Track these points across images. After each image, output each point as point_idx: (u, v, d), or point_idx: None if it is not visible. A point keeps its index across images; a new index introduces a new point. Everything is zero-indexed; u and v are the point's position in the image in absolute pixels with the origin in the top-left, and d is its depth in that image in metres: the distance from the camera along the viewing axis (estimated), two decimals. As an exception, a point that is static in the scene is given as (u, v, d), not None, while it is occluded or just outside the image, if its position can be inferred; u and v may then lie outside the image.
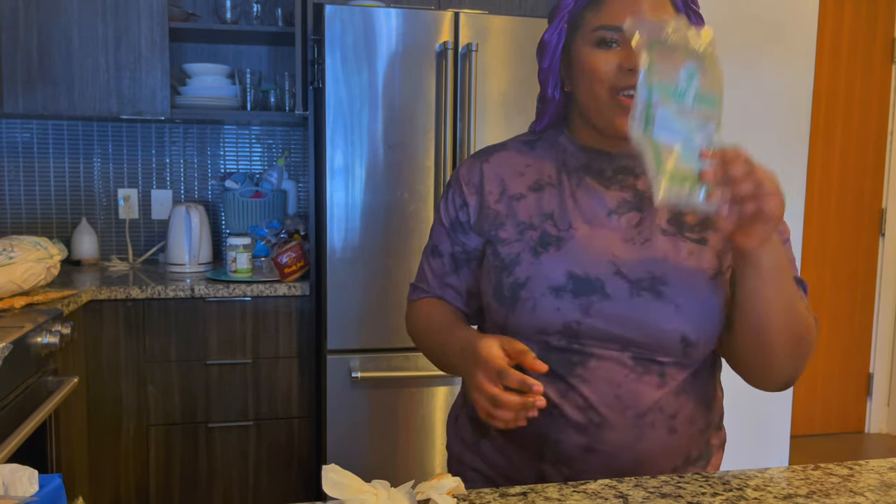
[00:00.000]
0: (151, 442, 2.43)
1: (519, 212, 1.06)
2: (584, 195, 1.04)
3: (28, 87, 2.50)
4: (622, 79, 0.97)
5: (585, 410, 0.99)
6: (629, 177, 1.05)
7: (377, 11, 2.30)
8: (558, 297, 0.98)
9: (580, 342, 0.99)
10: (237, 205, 2.83)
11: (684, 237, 1.01)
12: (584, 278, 0.99)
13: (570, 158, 1.07)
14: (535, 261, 1.01)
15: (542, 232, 1.03)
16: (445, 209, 1.14)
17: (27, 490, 0.75)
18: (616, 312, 0.97)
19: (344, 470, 0.78)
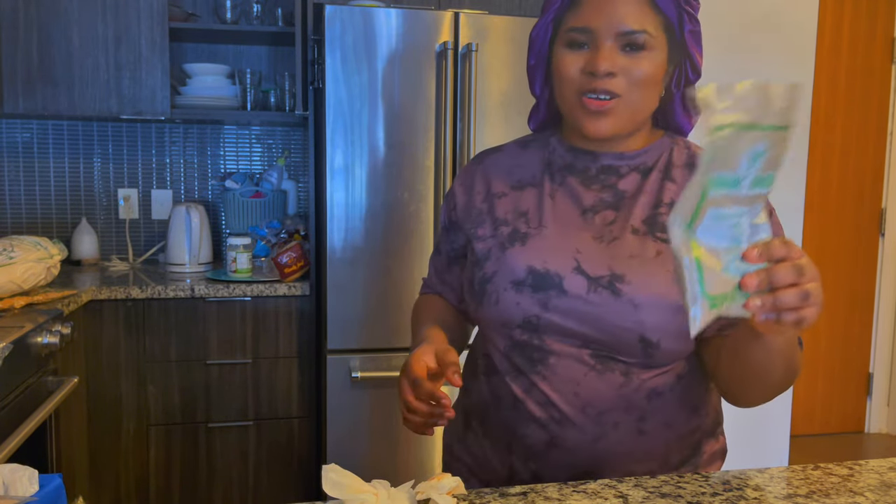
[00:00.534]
0: (151, 442, 2.43)
1: (497, 209, 1.07)
2: (562, 195, 1.05)
3: (28, 87, 2.50)
4: (586, 82, 0.97)
5: (546, 406, 1.00)
6: (612, 176, 1.05)
7: (377, 11, 2.30)
8: (518, 292, 1.00)
9: (540, 337, 0.99)
10: (237, 205, 2.83)
11: (654, 237, 0.99)
12: (543, 273, 0.99)
13: (557, 158, 1.08)
14: (501, 255, 1.03)
15: (513, 228, 1.04)
16: (445, 210, 1.17)
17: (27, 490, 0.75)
18: (573, 308, 0.97)
19: (344, 470, 0.78)
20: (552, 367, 0.99)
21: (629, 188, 1.03)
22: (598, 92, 0.96)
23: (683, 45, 1.02)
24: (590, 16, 0.96)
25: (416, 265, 2.38)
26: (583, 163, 1.06)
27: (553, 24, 1.03)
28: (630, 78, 0.96)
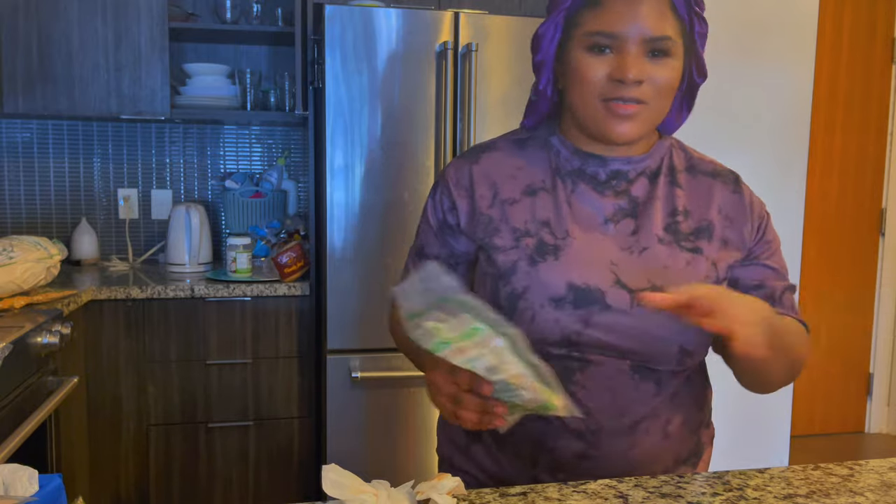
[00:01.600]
0: (151, 442, 2.43)
1: (513, 217, 1.02)
2: (579, 201, 1.02)
3: (28, 87, 2.50)
4: (611, 88, 0.95)
5: (583, 417, 0.98)
6: (622, 181, 1.03)
7: (377, 11, 2.30)
8: (558, 308, 0.96)
9: (580, 350, 0.97)
10: (237, 205, 2.83)
11: (680, 246, 1.00)
12: (585, 289, 0.96)
13: (564, 162, 1.05)
14: (532, 270, 0.98)
15: (538, 240, 1.00)
16: (433, 210, 1.09)
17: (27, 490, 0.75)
18: (616, 323, 0.96)
19: (344, 470, 0.78)
20: (591, 377, 0.97)
21: (641, 194, 1.03)
22: (626, 100, 0.95)
23: (693, 47, 1.01)
24: (614, 20, 0.94)
25: (416, 265, 2.38)
26: (592, 167, 1.03)
27: (564, 22, 1.00)
28: (655, 85, 0.96)
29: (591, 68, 0.96)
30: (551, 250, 0.99)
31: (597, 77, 0.96)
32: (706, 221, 1.03)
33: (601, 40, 0.95)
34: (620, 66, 0.94)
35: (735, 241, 1.04)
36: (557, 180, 1.04)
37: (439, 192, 1.09)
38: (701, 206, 1.04)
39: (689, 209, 1.03)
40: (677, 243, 1.00)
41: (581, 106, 0.98)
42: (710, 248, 1.02)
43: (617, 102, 0.95)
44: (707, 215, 1.04)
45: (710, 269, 1.00)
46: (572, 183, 1.03)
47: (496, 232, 1.02)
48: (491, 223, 1.03)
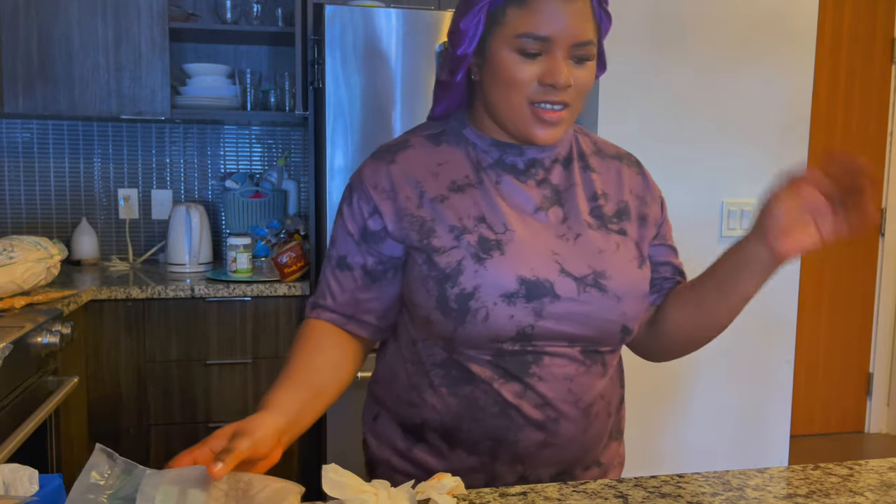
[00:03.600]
0: (151, 442, 2.43)
1: (446, 216, 0.99)
2: (508, 192, 1.01)
3: (28, 87, 2.50)
4: (540, 93, 0.95)
5: (542, 407, 0.99)
6: (540, 169, 1.04)
7: (377, 11, 2.30)
8: (511, 304, 0.95)
9: (533, 344, 0.98)
10: (237, 205, 2.83)
11: (608, 229, 1.03)
12: (535, 281, 0.96)
13: (482, 154, 1.03)
14: (480, 268, 0.96)
15: (479, 236, 0.98)
16: (352, 217, 1.03)
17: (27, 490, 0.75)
18: (567, 311, 0.97)
19: (344, 470, 0.78)
20: (547, 368, 0.99)
21: (560, 181, 1.04)
22: (555, 104, 0.96)
23: (601, 43, 1.03)
24: (545, 24, 0.93)
25: (416, 265, 2.38)
26: (510, 157, 1.03)
27: (487, 17, 0.97)
28: (578, 89, 0.97)
29: (520, 70, 0.95)
30: (495, 245, 0.98)
31: (526, 80, 0.95)
32: (623, 202, 1.07)
33: (531, 44, 0.93)
34: (552, 70, 0.93)
35: (648, 220, 1.08)
36: (482, 174, 1.02)
37: (356, 197, 1.03)
38: (615, 188, 1.08)
39: (606, 192, 1.06)
40: (605, 227, 1.04)
41: (506, 107, 0.98)
42: (631, 228, 1.06)
43: (544, 107, 0.96)
44: (622, 196, 1.07)
45: (636, 249, 1.05)
46: (496, 175, 1.02)
47: (432, 233, 0.99)
48: (424, 224, 1.00)
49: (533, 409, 0.99)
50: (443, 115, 1.08)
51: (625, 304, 1.00)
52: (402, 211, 1.01)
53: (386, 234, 1.02)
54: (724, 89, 2.51)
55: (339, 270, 1.05)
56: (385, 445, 1.11)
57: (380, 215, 1.01)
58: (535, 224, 1.00)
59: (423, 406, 1.04)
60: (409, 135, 1.08)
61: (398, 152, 1.04)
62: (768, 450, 2.74)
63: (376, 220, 1.02)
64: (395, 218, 1.01)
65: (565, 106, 0.97)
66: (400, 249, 1.02)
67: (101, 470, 0.74)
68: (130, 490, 0.73)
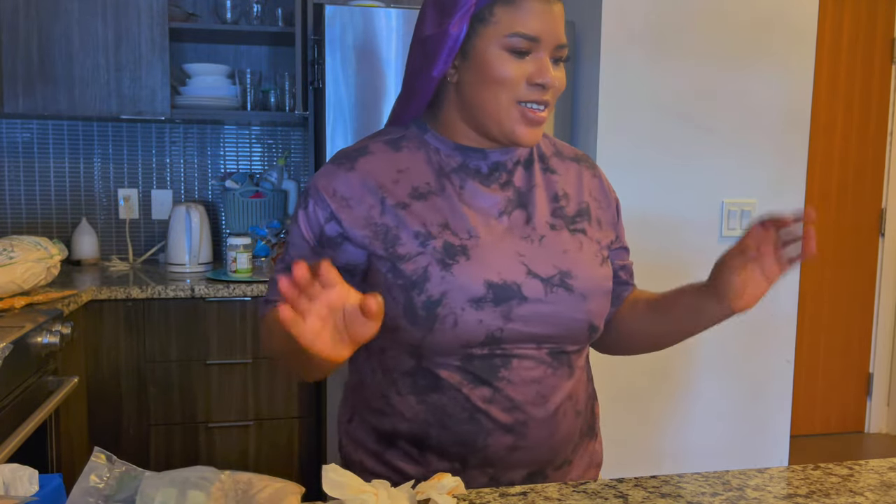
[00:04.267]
0: (152, 441, 2.43)
1: (409, 223, 0.98)
2: (471, 198, 1.01)
3: (28, 87, 2.50)
4: (528, 92, 0.96)
5: (511, 411, 0.99)
6: (503, 172, 1.04)
7: (377, 11, 2.30)
8: (479, 309, 0.95)
9: (501, 347, 0.98)
10: (237, 205, 2.83)
11: (570, 230, 1.05)
12: (502, 285, 0.97)
13: (445, 159, 1.03)
14: (446, 274, 0.95)
15: (443, 242, 0.97)
16: (307, 223, 1.01)
17: (27, 490, 0.75)
18: (534, 313, 0.98)
19: (344, 470, 0.78)
20: (515, 371, 0.98)
21: (522, 184, 1.05)
22: (541, 103, 0.97)
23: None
24: (535, 24, 0.94)
25: (416, 265, 2.38)
26: (474, 161, 1.03)
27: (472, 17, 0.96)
28: (556, 89, 0.98)
29: (510, 69, 0.95)
30: (460, 251, 0.97)
31: (515, 78, 0.95)
32: (584, 203, 1.09)
33: (521, 43, 0.94)
34: (541, 70, 0.95)
35: (606, 221, 1.11)
36: (444, 180, 1.01)
37: (312, 203, 1.01)
38: (576, 189, 1.09)
39: (567, 192, 1.08)
40: (567, 227, 1.05)
41: (492, 106, 0.97)
42: (591, 229, 1.07)
43: (531, 107, 0.97)
44: (582, 197, 1.09)
45: (598, 249, 1.07)
46: (459, 180, 1.02)
47: (396, 241, 0.98)
48: (388, 232, 0.98)
49: (501, 413, 0.99)
50: (405, 122, 1.07)
51: (591, 303, 1.02)
52: (363, 219, 0.99)
53: (344, 240, 1.00)
54: (724, 89, 2.51)
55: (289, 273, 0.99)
56: (359, 447, 1.10)
57: (337, 221, 0.99)
58: (500, 227, 1.01)
59: (393, 414, 1.03)
60: (368, 140, 1.06)
61: (357, 158, 1.03)
62: (768, 450, 2.74)
63: (332, 226, 1.00)
64: (356, 225, 0.99)
65: (547, 106, 0.99)
66: (361, 255, 1.00)
67: (100, 473, 0.75)
68: (130, 492, 0.74)
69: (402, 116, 1.07)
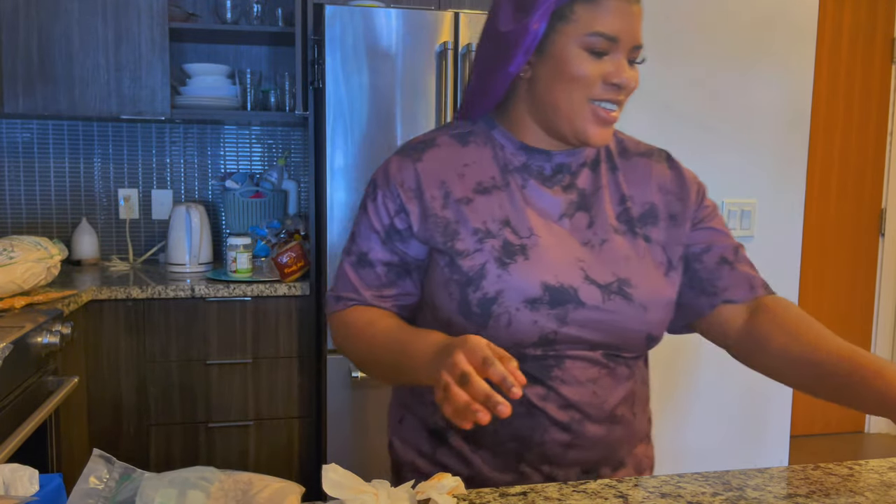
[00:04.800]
0: (151, 442, 2.43)
1: (471, 218, 0.99)
2: (533, 197, 1.01)
3: (28, 87, 2.50)
4: (603, 91, 0.95)
5: (567, 409, 0.99)
6: (567, 175, 1.03)
7: (377, 11, 2.30)
8: (534, 310, 0.95)
9: (555, 349, 0.98)
10: (237, 205, 2.83)
11: (634, 233, 1.03)
12: (559, 288, 0.96)
13: (510, 157, 1.03)
14: (503, 273, 0.96)
15: (503, 240, 0.97)
16: (376, 214, 1.02)
17: (27, 490, 0.75)
18: (590, 318, 0.97)
19: (344, 470, 0.78)
20: (568, 372, 0.98)
21: (587, 185, 1.03)
22: (614, 102, 0.97)
23: None
24: (615, 24, 0.93)
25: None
26: (537, 162, 1.03)
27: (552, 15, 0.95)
28: (629, 90, 0.98)
29: (587, 69, 0.94)
30: (519, 250, 0.97)
31: (592, 78, 0.95)
32: (649, 204, 1.05)
33: (601, 42, 0.94)
34: (618, 70, 0.95)
35: (680, 213, 1.06)
36: (508, 177, 1.01)
37: (381, 194, 1.02)
38: (642, 188, 1.06)
39: (632, 193, 1.05)
40: (631, 231, 1.03)
41: (566, 104, 0.96)
42: (657, 232, 1.04)
43: (604, 106, 0.96)
44: (649, 197, 1.05)
45: (662, 254, 1.03)
46: (521, 179, 1.02)
47: (455, 235, 0.98)
48: (448, 226, 0.99)
49: (558, 411, 0.99)
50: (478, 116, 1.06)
51: (650, 314, 0.99)
52: (427, 211, 1.00)
53: (410, 235, 1.01)
54: (724, 90, 2.51)
55: (360, 267, 1.04)
56: (410, 448, 1.10)
57: (406, 214, 1.01)
58: (560, 230, 1.00)
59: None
60: (436, 133, 1.06)
61: (425, 150, 1.03)
62: (768, 450, 2.74)
63: (402, 219, 1.01)
64: (421, 218, 1.00)
65: (619, 106, 0.98)
66: (424, 251, 1.02)
67: (99, 475, 0.75)
68: (129, 494, 0.74)
69: (472, 112, 1.06)
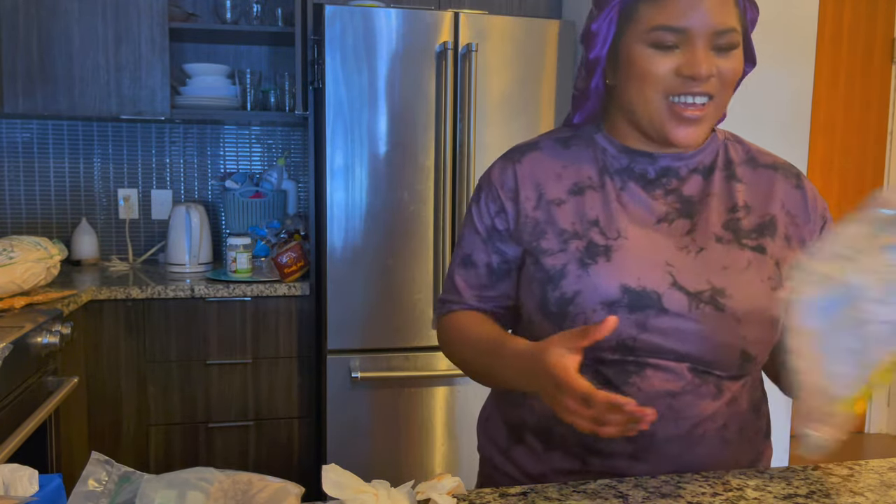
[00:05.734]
0: (151, 442, 2.43)
1: (560, 219, 0.98)
2: (630, 200, 0.98)
3: (28, 87, 2.50)
4: (679, 85, 0.91)
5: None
6: (673, 179, 0.99)
7: (377, 11, 2.30)
8: (611, 313, 0.91)
9: (635, 355, 0.93)
10: (237, 205, 2.83)
11: (741, 244, 0.96)
12: (640, 291, 0.92)
13: (611, 160, 1.00)
14: (583, 273, 0.93)
15: (588, 241, 0.95)
16: (479, 216, 1.04)
17: (27, 490, 0.75)
18: (674, 327, 0.92)
19: (344, 470, 0.78)
20: (648, 381, 0.93)
21: (694, 192, 0.98)
22: (695, 95, 0.92)
23: (746, 34, 0.97)
24: (678, 14, 0.90)
25: (416, 265, 2.38)
26: (640, 165, 0.99)
27: (619, 17, 0.95)
28: (722, 79, 0.93)
29: (655, 64, 0.92)
30: (602, 251, 0.95)
31: (662, 73, 0.91)
32: (769, 216, 0.98)
33: (666, 36, 0.91)
34: (691, 61, 0.90)
35: (796, 240, 0.99)
36: (606, 178, 0.99)
37: (484, 196, 1.04)
38: (763, 200, 0.99)
39: (750, 204, 0.98)
40: (738, 241, 0.96)
41: (641, 103, 0.94)
42: (773, 246, 0.96)
43: (684, 102, 0.92)
44: (769, 209, 0.98)
45: (774, 269, 0.95)
46: (621, 181, 0.99)
47: (542, 235, 0.98)
48: (537, 226, 0.99)
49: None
50: (582, 123, 1.06)
51: (746, 328, 0.92)
52: (521, 212, 1.01)
53: (508, 235, 1.02)
54: (724, 89, 2.51)
55: (463, 268, 1.06)
56: (492, 445, 1.10)
57: (505, 214, 1.02)
58: (654, 234, 0.96)
59: (524, 405, 1.03)
60: (541, 137, 1.07)
61: (526, 153, 1.04)
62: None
63: (502, 220, 1.02)
64: (515, 218, 1.01)
65: (708, 98, 0.92)
66: (517, 251, 1.02)
67: (98, 477, 0.75)
68: (129, 496, 0.74)
69: (572, 118, 1.06)
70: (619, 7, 0.95)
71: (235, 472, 0.77)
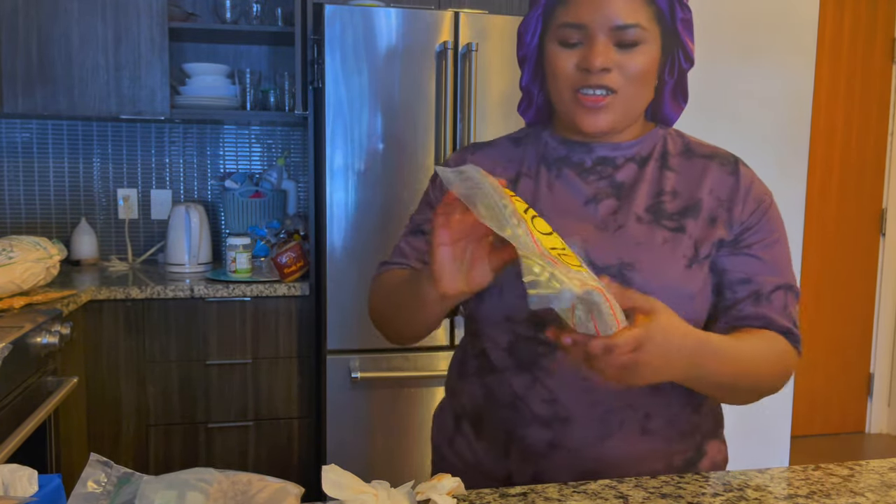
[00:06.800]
0: (151, 442, 2.43)
1: None
2: (561, 185, 1.04)
3: (28, 87, 2.49)
4: (580, 78, 0.96)
5: (550, 404, 0.97)
6: (608, 167, 1.04)
7: (377, 11, 2.30)
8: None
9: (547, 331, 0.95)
10: (237, 205, 2.83)
11: (660, 224, 0.99)
12: None
13: (551, 151, 1.07)
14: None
15: None
16: (432, 190, 1.15)
17: (27, 490, 0.75)
18: None
19: (344, 470, 0.78)
20: (560, 363, 0.96)
21: (627, 178, 1.03)
22: (594, 87, 0.96)
23: (676, 33, 1.01)
24: (582, 11, 0.95)
25: (415, 265, 2.38)
26: (578, 155, 1.05)
27: (543, 18, 1.02)
28: (625, 73, 0.96)
29: (562, 60, 0.98)
30: None
31: (567, 68, 0.97)
32: (695, 200, 1.01)
33: (570, 33, 0.96)
34: (586, 55, 0.95)
35: (723, 219, 1.00)
36: (542, 167, 1.06)
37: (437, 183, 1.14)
38: (691, 187, 1.02)
39: (677, 190, 1.02)
40: (657, 222, 0.99)
41: (557, 99, 1.01)
42: (694, 226, 0.99)
43: (586, 93, 0.96)
44: (696, 194, 1.01)
45: (690, 247, 0.98)
46: (556, 169, 1.05)
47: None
48: None
49: (540, 405, 0.97)
50: (532, 123, 1.13)
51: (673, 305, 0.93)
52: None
53: None
54: (724, 89, 2.51)
55: (412, 237, 1.13)
56: (439, 433, 1.16)
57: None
58: (577, 215, 1.01)
59: (462, 394, 1.09)
60: (500, 137, 1.15)
61: (481, 148, 1.13)
62: (769, 450, 2.74)
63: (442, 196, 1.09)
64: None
65: (609, 91, 0.96)
66: None
67: (97, 479, 0.75)
68: (128, 497, 0.74)
69: (526, 120, 1.14)
70: (543, 9, 1.02)
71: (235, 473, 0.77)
